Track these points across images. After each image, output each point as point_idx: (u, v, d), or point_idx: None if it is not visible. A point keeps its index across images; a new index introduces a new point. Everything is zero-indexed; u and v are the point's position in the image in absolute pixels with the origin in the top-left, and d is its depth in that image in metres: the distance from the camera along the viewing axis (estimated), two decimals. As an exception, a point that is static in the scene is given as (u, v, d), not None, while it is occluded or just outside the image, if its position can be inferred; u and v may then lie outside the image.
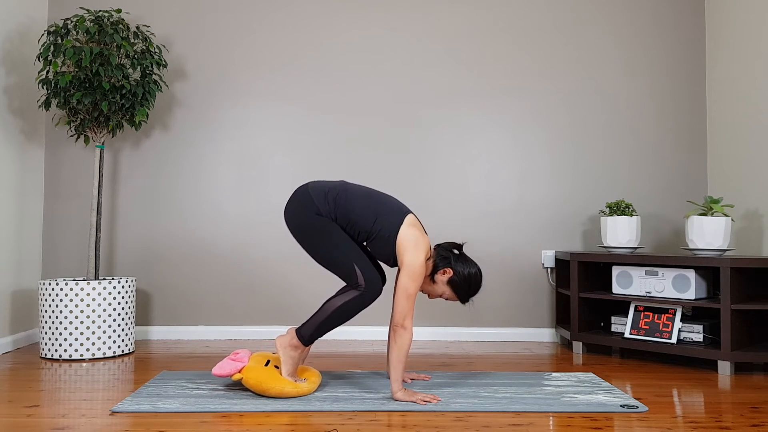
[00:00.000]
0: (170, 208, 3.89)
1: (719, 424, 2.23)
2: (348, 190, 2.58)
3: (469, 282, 2.57)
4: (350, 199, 2.55)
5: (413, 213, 2.63)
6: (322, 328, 2.52)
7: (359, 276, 2.47)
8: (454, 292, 2.59)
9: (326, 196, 2.55)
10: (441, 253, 2.59)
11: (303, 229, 2.54)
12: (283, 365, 2.54)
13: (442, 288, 2.60)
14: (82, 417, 2.26)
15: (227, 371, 2.52)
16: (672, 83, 3.97)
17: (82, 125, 3.45)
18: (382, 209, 2.55)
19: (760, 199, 3.44)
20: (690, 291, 3.19)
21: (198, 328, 3.86)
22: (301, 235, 2.56)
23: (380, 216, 2.53)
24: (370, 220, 2.53)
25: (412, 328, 2.45)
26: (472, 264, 2.60)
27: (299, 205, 2.56)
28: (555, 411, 2.36)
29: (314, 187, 2.59)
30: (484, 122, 3.94)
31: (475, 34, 3.96)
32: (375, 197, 2.59)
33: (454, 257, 2.59)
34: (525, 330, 3.89)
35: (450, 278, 2.57)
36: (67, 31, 3.38)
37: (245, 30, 3.95)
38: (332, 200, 2.54)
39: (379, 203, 2.57)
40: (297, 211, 2.55)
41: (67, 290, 3.22)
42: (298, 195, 2.59)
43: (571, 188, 3.94)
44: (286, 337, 2.56)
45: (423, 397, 2.43)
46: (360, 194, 2.58)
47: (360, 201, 2.55)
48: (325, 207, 2.53)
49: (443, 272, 2.57)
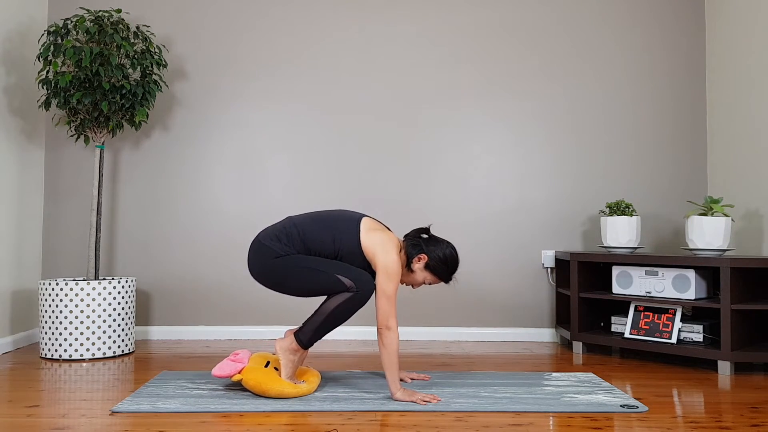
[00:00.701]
0: (170, 208, 3.89)
1: (719, 424, 2.23)
2: (297, 224, 2.58)
3: (445, 261, 2.59)
4: (302, 230, 2.55)
5: (368, 216, 2.62)
6: (320, 331, 2.52)
7: (346, 282, 2.47)
8: (434, 276, 2.61)
9: (278, 238, 2.55)
10: (411, 242, 2.60)
11: (272, 276, 2.53)
12: (282, 368, 2.54)
13: (421, 275, 2.61)
14: (82, 417, 2.26)
15: (227, 372, 2.52)
16: (672, 83, 3.97)
17: (82, 125, 3.45)
18: (336, 226, 2.55)
19: (760, 199, 3.44)
20: (690, 291, 3.19)
21: (198, 328, 3.86)
22: (273, 282, 2.55)
23: (336, 233, 2.54)
24: (328, 242, 2.53)
25: (396, 327, 2.45)
26: (443, 243, 2.61)
27: (258, 257, 2.55)
28: (555, 411, 2.36)
29: (264, 235, 2.58)
30: (485, 122, 3.94)
31: (475, 33, 3.96)
32: (325, 218, 2.59)
33: (425, 242, 2.60)
34: (525, 330, 3.89)
35: (426, 263, 2.58)
36: (67, 31, 3.38)
37: (245, 30, 3.95)
38: (286, 240, 2.54)
39: (331, 222, 2.57)
40: (259, 263, 2.55)
41: (67, 290, 3.22)
42: (253, 249, 2.58)
43: (571, 188, 3.94)
44: (286, 341, 2.57)
45: (423, 397, 2.43)
46: (309, 222, 2.58)
47: (312, 228, 2.56)
48: (283, 248, 2.53)
49: (418, 259, 2.58)
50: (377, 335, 2.48)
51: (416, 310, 3.90)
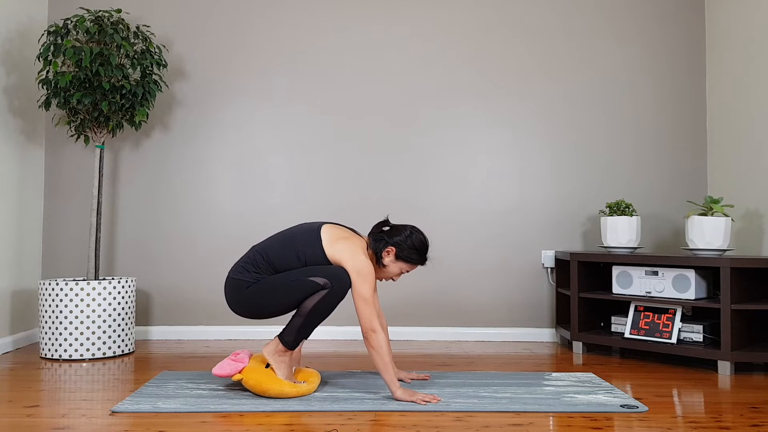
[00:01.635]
0: (170, 207, 3.89)
1: (719, 424, 2.23)
2: (260, 250, 2.59)
3: (414, 247, 2.59)
4: (266, 255, 2.56)
5: (327, 222, 2.63)
6: (303, 330, 2.52)
7: (320, 281, 2.47)
8: (408, 263, 2.61)
9: (245, 269, 2.56)
10: (374, 238, 2.61)
11: (250, 305, 2.54)
12: (276, 371, 2.54)
13: (395, 267, 2.61)
14: (82, 417, 2.26)
15: (227, 371, 2.53)
16: (672, 83, 3.97)
17: (82, 125, 3.45)
18: (296, 242, 2.56)
19: (760, 199, 3.44)
20: (690, 291, 3.19)
21: (198, 328, 3.86)
22: (254, 310, 2.55)
23: (299, 248, 2.55)
24: (293, 258, 2.54)
25: (380, 329, 2.44)
26: (406, 229, 2.61)
27: (232, 292, 2.57)
28: (555, 411, 2.36)
29: (233, 271, 2.59)
30: (485, 122, 3.94)
31: (475, 33, 3.96)
32: (285, 237, 2.60)
33: (387, 234, 2.60)
34: (525, 330, 3.89)
35: (396, 254, 2.59)
36: (67, 31, 3.38)
37: (245, 30, 3.95)
38: (253, 269, 2.55)
39: (292, 239, 2.57)
40: (235, 298, 2.56)
41: (67, 290, 3.22)
42: (227, 287, 2.59)
43: (571, 188, 3.94)
44: (271, 345, 2.57)
45: (423, 397, 2.43)
46: (271, 244, 2.59)
47: (275, 249, 2.56)
48: (253, 276, 2.54)
49: (387, 253, 2.58)
50: (364, 340, 2.48)
51: (416, 310, 3.90)
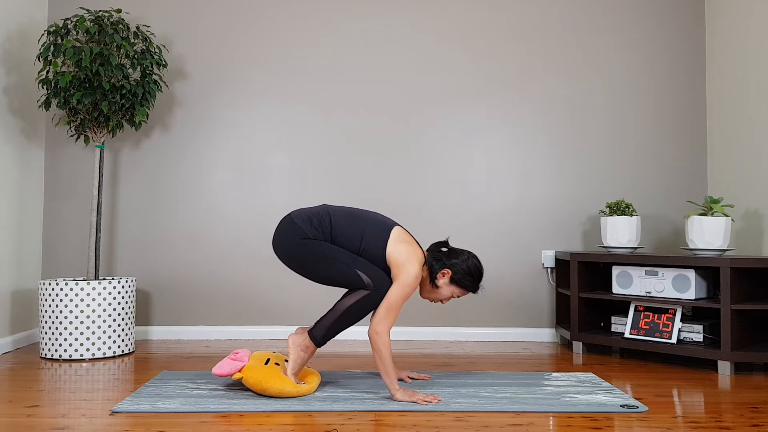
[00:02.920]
0: (170, 207, 3.89)
1: (719, 424, 2.23)
2: (331, 213, 2.58)
3: (470, 273, 2.59)
4: (335, 221, 2.55)
5: (400, 225, 2.62)
6: (333, 328, 2.51)
7: (364, 279, 2.46)
8: (461, 288, 2.61)
9: (311, 221, 2.55)
10: (433, 256, 2.60)
11: (294, 255, 2.53)
12: (290, 362, 2.54)
13: (448, 290, 2.60)
14: (82, 417, 2.26)
15: (227, 371, 2.52)
16: (672, 83, 3.97)
17: (82, 125, 3.45)
18: (367, 227, 2.55)
19: (760, 199, 3.44)
20: (690, 291, 3.19)
21: (198, 328, 3.86)
22: (294, 262, 2.54)
23: (366, 234, 2.53)
24: (356, 239, 2.53)
25: (386, 332, 2.43)
26: (464, 254, 2.61)
27: (285, 233, 2.55)
28: (555, 411, 2.36)
29: (297, 214, 2.58)
30: (485, 122, 3.94)
31: (475, 32, 3.96)
32: (359, 216, 2.59)
33: (446, 255, 2.60)
34: (525, 330, 3.89)
35: (451, 277, 2.58)
36: (67, 31, 3.38)
37: (245, 30, 3.95)
38: (317, 225, 2.54)
39: (364, 221, 2.57)
40: (284, 240, 2.54)
41: (67, 290, 3.22)
42: (283, 225, 2.58)
43: (571, 188, 3.94)
44: (300, 337, 2.56)
45: (423, 397, 2.43)
46: (343, 215, 2.58)
47: (344, 222, 2.55)
48: (312, 231, 2.52)
49: (442, 275, 2.57)
50: (369, 339, 2.47)
51: (416, 310, 3.90)
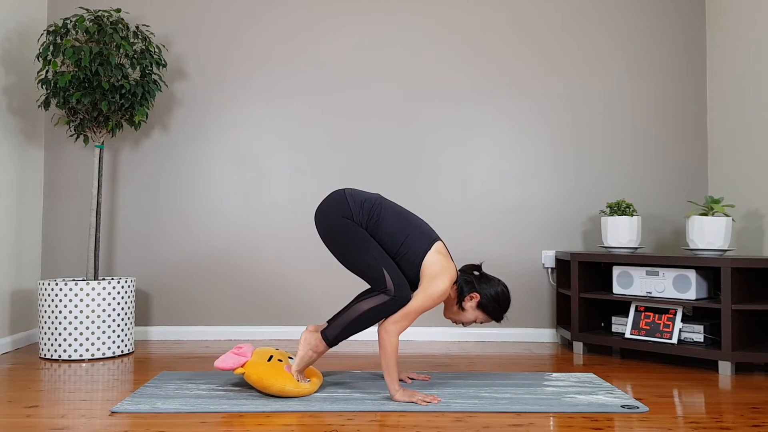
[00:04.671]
0: (170, 207, 3.89)
1: (720, 424, 2.22)
2: (383, 206, 2.54)
3: (498, 301, 2.56)
4: (383, 215, 2.52)
5: (442, 241, 2.58)
6: (347, 330, 2.49)
7: (388, 281, 2.43)
8: (486, 314, 2.58)
9: (362, 205, 2.51)
10: (464, 278, 2.56)
11: (333, 230, 2.49)
12: (297, 359, 2.52)
13: (473, 314, 2.58)
14: (82, 417, 2.26)
15: (230, 365, 2.51)
16: (672, 83, 3.96)
17: (82, 125, 3.45)
18: (413, 232, 2.52)
19: (761, 199, 3.44)
20: (690, 291, 3.19)
21: (198, 328, 3.86)
22: (330, 237, 2.51)
23: (409, 238, 2.50)
24: (398, 240, 2.49)
25: (396, 333, 2.42)
26: (495, 282, 2.58)
27: (333, 207, 2.52)
28: (555, 411, 2.35)
29: (351, 193, 2.55)
30: (485, 122, 3.94)
31: (476, 32, 3.96)
32: (408, 218, 2.56)
33: (477, 279, 2.57)
34: (525, 330, 3.89)
35: (479, 302, 2.56)
36: (66, 30, 3.38)
37: (245, 29, 3.95)
38: (366, 211, 2.51)
39: (410, 225, 2.53)
40: (329, 213, 2.51)
41: (66, 290, 3.21)
42: (333, 197, 2.55)
43: (571, 188, 3.93)
44: (312, 336, 2.53)
45: (423, 397, 2.43)
46: (393, 212, 2.55)
47: (392, 219, 2.52)
48: (359, 215, 2.49)
49: (470, 298, 2.55)
50: (378, 335, 2.46)
51: (416, 310, 3.89)
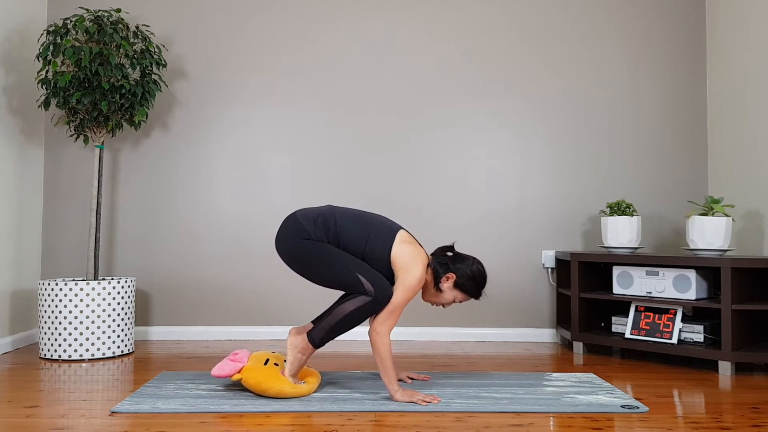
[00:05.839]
0: (170, 208, 3.89)
1: (720, 424, 2.22)
2: (336, 214, 2.57)
3: (474, 278, 2.57)
4: (339, 222, 2.54)
5: (405, 229, 2.61)
6: (333, 332, 2.50)
7: (365, 284, 2.45)
8: (464, 293, 2.59)
9: (315, 221, 2.53)
10: (438, 260, 2.58)
11: (296, 255, 2.51)
12: (288, 364, 2.54)
13: (451, 294, 2.59)
14: (82, 417, 2.26)
15: (226, 372, 2.52)
16: (672, 83, 3.96)
17: (82, 125, 3.45)
18: (373, 230, 2.54)
19: (761, 199, 3.44)
20: (691, 291, 3.19)
21: (198, 328, 3.86)
22: (296, 262, 2.53)
23: (371, 236, 2.53)
24: (361, 241, 2.52)
25: (387, 333, 2.43)
26: (470, 260, 2.60)
27: (289, 233, 2.54)
28: (555, 411, 2.35)
29: (302, 214, 2.57)
30: (485, 121, 3.94)
31: (475, 32, 3.96)
32: (364, 218, 2.58)
33: (451, 260, 2.59)
34: (525, 330, 3.89)
35: (455, 282, 2.57)
36: (66, 30, 3.37)
37: (245, 29, 3.95)
38: (322, 225, 2.53)
39: (369, 224, 2.56)
40: (287, 240, 2.53)
41: (66, 290, 3.21)
42: (286, 224, 2.57)
43: (571, 188, 3.93)
44: (298, 338, 2.55)
45: (423, 397, 2.43)
46: (349, 216, 2.57)
47: (349, 223, 2.55)
48: (315, 232, 2.51)
49: (446, 278, 2.56)
50: (370, 339, 2.47)
51: (416, 310, 3.89)
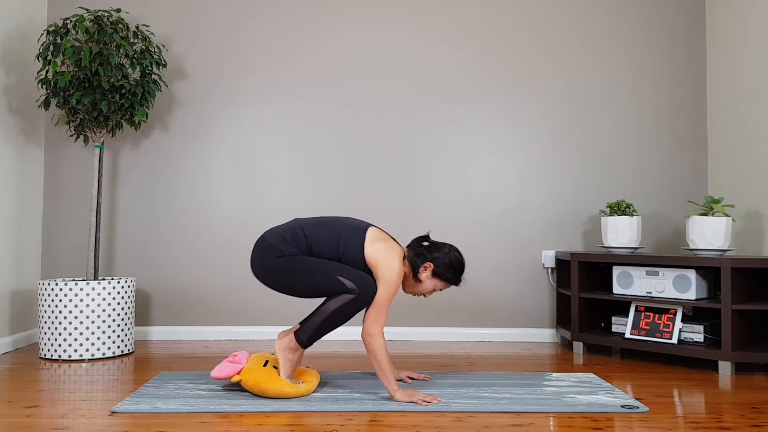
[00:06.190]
0: (170, 207, 3.89)
1: (720, 424, 2.22)
2: (303, 226, 2.58)
3: (452, 266, 2.59)
4: (308, 233, 2.56)
5: (374, 225, 2.63)
6: (319, 330, 2.51)
7: (347, 284, 2.46)
8: (443, 281, 2.61)
9: (284, 238, 2.55)
10: (414, 251, 2.60)
11: (275, 274, 2.52)
12: (281, 367, 2.54)
13: (431, 283, 2.61)
14: (82, 417, 2.26)
15: (226, 373, 2.52)
16: (673, 83, 3.96)
17: (82, 125, 3.45)
18: (342, 232, 2.55)
19: (761, 199, 3.44)
20: (691, 291, 3.19)
21: (198, 328, 3.86)
22: (276, 281, 2.53)
23: (342, 239, 2.54)
24: (333, 246, 2.53)
25: (379, 334, 2.44)
26: (445, 247, 2.61)
27: (262, 255, 2.55)
28: (555, 411, 2.35)
29: (270, 234, 2.58)
30: (485, 122, 3.94)
31: (475, 32, 3.96)
32: (332, 223, 2.60)
33: (427, 249, 2.60)
34: (525, 330, 3.89)
35: (433, 271, 2.58)
36: (66, 30, 3.37)
37: (245, 29, 3.95)
38: (291, 239, 2.54)
39: (338, 227, 2.57)
40: (261, 262, 2.54)
41: (66, 290, 3.21)
42: (257, 248, 2.58)
43: (571, 188, 3.93)
44: (284, 340, 2.56)
45: (423, 397, 2.43)
46: (316, 225, 2.59)
47: (318, 231, 2.56)
48: (287, 248, 2.53)
49: (424, 269, 2.58)
50: (363, 342, 2.47)
51: (416, 310, 3.89)
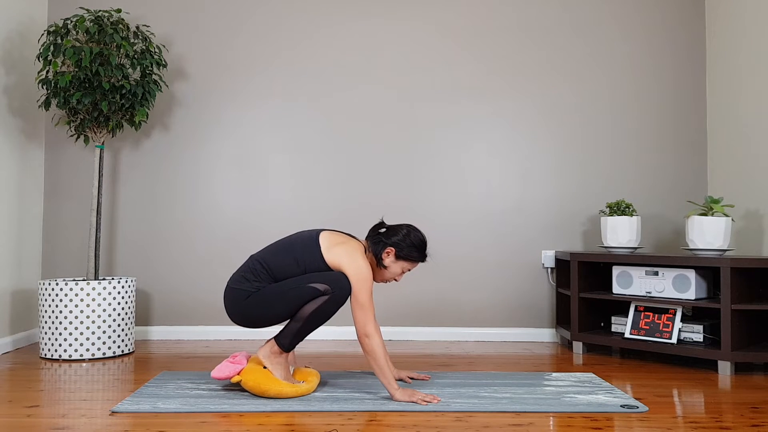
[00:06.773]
0: (170, 207, 3.89)
1: (719, 424, 2.22)
2: (259, 259, 2.59)
3: (413, 245, 2.60)
4: (265, 263, 2.56)
5: (325, 229, 2.65)
6: (299, 334, 2.52)
7: (319, 287, 2.47)
8: (409, 262, 2.62)
9: (245, 278, 2.55)
10: (372, 241, 2.61)
11: (252, 313, 2.53)
12: (273, 373, 2.53)
13: (397, 267, 2.62)
14: (82, 417, 2.26)
15: (226, 374, 2.53)
16: (672, 83, 3.97)
17: (82, 125, 3.45)
18: (297, 249, 2.56)
19: (760, 199, 3.44)
20: (690, 291, 3.19)
21: (198, 328, 3.86)
22: (256, 318, 2.54)
23: (298, 255, 2.55)
24: (292, 265, 2.54)
25: (375, 334, 2.44)
26: (403, 228, 2.62)
27: (232, 303, 2.56)
28: (555, 411, 2.36)
29: (232, 281, 2.59)
30: (485, 122, 3.94)
31: (475, 33, 3.96)
32: (283, 244, 2.60)
33: (385, 235, 2.61)
34: (525, 330, 3.89)
35: (396, 254, 2.59)
36: (66, 30, 3.38)
37: (245, 29, 3.95)
38: (255, 276, 2.55)
39: (291, 248, 2.58)
40: (235, 308, 2.55)
41: (66, 290, 3.21)
42: (227, 297, 2.58)
43: (571, 188, 3.93)
44: (266, 347, 2.56)
45: (423, 397, 2.43)
46: (270, 253, 2.59)
47: (274, 258, 2.56)
48: (252, 286, 2.53)
49: (386, 254, 2.59)
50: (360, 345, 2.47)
51: (416, 310, 3.90)
